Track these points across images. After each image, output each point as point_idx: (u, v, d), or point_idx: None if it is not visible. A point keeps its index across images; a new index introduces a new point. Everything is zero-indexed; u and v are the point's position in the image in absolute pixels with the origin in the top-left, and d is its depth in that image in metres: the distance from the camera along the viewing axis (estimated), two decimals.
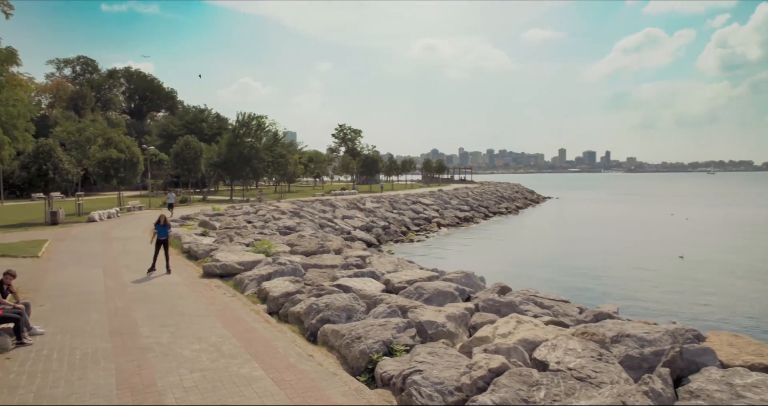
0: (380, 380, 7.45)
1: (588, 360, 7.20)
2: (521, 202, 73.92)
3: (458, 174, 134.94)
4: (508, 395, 6.13)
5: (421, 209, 49.75)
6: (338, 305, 10.10)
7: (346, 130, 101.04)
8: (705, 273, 24.52)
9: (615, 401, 5.87)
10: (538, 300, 11.27)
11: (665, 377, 6.68)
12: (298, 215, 36.41)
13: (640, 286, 21.87)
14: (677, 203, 78.78)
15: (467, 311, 10.07)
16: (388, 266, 15.09)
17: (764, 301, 19.41)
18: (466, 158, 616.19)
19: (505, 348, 7.49)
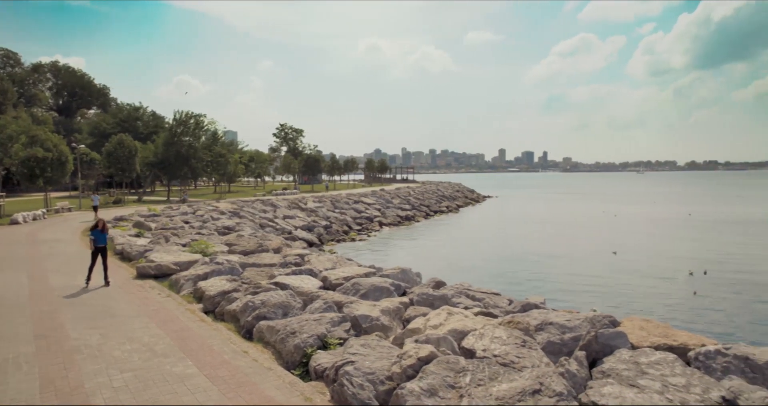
0: (314, 372, 7.59)
1: (512, 347, 7.60)
2: (462, 201, 75.53)
3: (400, 174, 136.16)
4: (435, 382, 6.41)
5: (363, 209, 49.99)
6: (274, 302, 10.14)
7: (287, 130, 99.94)
8: (634, 266, 25.93)
9: (534, 382, 6.26)
10: (470, 293, 11.70)
11: (581, 359, 7.15)
12: (238, 215, 35.86)
13: (572, 279, 22.93)
14: (608, 200, 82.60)
15: (402, 305, 10.35)
16: (326, 264, 15.19)
17: (681, 289, 20.77)
18: (408, 158, 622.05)
19: (435, 338, 7.79)
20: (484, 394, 6.20)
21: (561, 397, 5.96)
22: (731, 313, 17.55)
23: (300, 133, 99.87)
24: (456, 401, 6.20)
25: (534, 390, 6.10)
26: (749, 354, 7.02)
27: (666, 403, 5.97)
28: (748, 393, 6.22)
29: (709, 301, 19.03)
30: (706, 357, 7.19)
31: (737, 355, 7.04)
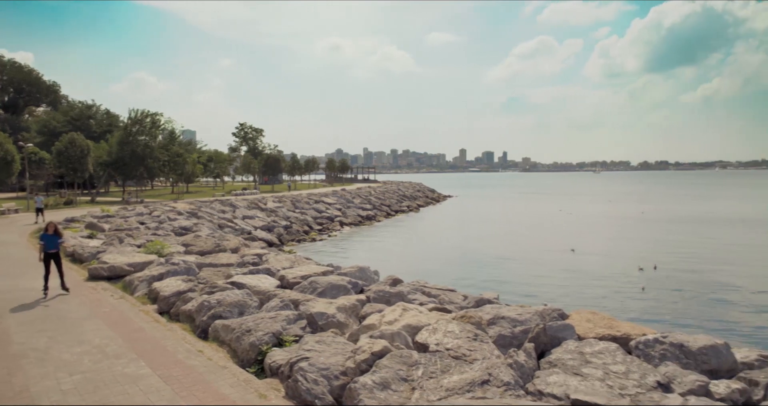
0: (269, 370, 7.62)
1: (464, 341, 7.81)
2: (422, 200, 76.17)
3: (362, 174, 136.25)
4: (388, 375, 6.54)
5: (323, 209, 49.86)
6: (230, 301, 10.10)
7: (247, 129, 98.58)
8: (589, 263, 26.73)
9: (483, 374, 6.47)
10: (426, 290, 11.91)
11: (529, 350, 7.42)
12: (196, 216, 35.26)
13: (529, 276, 23.50)
14: (565, 199, 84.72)
15: (358, 302, 10.46)
16: (284, 263, 15.16)
17: (632, 284, 21.55)
18: (370, 158, 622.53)
19: (389, 333, 7.93)
20: (436, 386, 6.37)
21: (508, 386, 6.18)
22: (676, 305, 18.34)
23: (260, 132, 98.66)
24: (408, 393, 6.34)
25: (483, 381, 6.31)
26: (684, 341, 7.42)
27: (606, 389, 6.27)
28: (681, 377, 6.59)
29: (655, 295, 19.82)
30: (646, 346, 7.56)
31: (673, 343, 7.43)
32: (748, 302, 18.63)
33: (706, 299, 19.18)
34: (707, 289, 20.77)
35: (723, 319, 16.67)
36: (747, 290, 20.43)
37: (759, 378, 6.76)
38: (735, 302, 18.68)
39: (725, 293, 20.13)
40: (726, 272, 24.16)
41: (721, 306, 18.24)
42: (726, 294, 19.90)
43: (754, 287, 20.93)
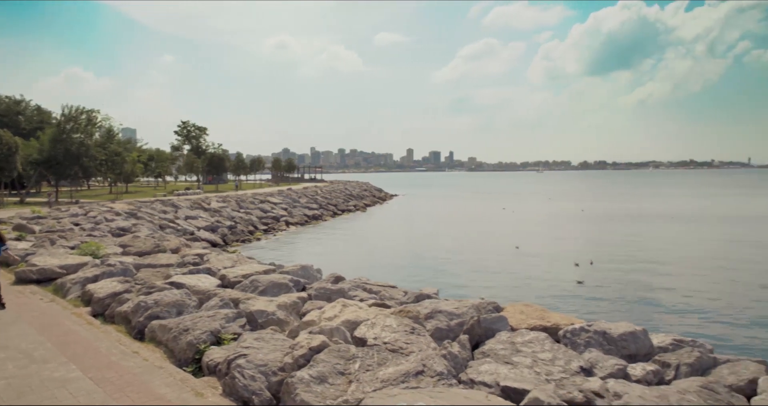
0: (207, 368, 7.57)
1: (402, 334, 8.00)
2: (369, 200, 76.45)
3: (309, 173, 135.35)
4: (325, 369, 6.64)
5: (269, 208, 49.29)
6: (168, 301, 9.92)
7: (190, 128, 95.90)
8: (530, 259, 27.57)
9: (417, 365, 6.66)
10: (367, 287, 12.06)
11: (463, 342, 7.69)
12: (135, 216, 34.15)
13: (472, 273, 24.08)
14: (509, 198, 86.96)
15: (299, 299, 10.49)
16: (226, 263, 14.97)
17: (569, 278, 22.43)
18: (317, 157, 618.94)
19: (328, 329, 8.03)
20: (372, 378, 6.52)
21: (441, 376, 6.40)
22: (609, 298, 19.25)
23: (203, 131, 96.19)
24: (345, 386, 6.47)
25: (417, 371, 6.50)
26: (606, 329, 7.88)
27: (533, 375, 6.60)
28: (603, 362, 7.00)
29: (591, 288, 20.71)
30: (572, 334, 7.98)
31: (597, 330, 7.87)
32: (675, 293, 19.77)
33: (637, 291, 20.21)
34: (639, 281, 21.88)
35: (651, 309, 17.63)
36: (675, 282, 21.68)
37: (671, 360, 7.27)
38: (663, 294, 19.79)
39: (655, 285, 21.28)
40: (656, 265, 25.52)
41: (650, 297, 19.28)
42: (656, 286, 21.04)
43: (682, 279, 22.23)
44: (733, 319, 16.18)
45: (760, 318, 16.22)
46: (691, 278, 22.49)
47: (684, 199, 78.22)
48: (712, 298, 18.90)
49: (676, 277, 22.78)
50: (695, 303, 18.22)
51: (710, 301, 18.48)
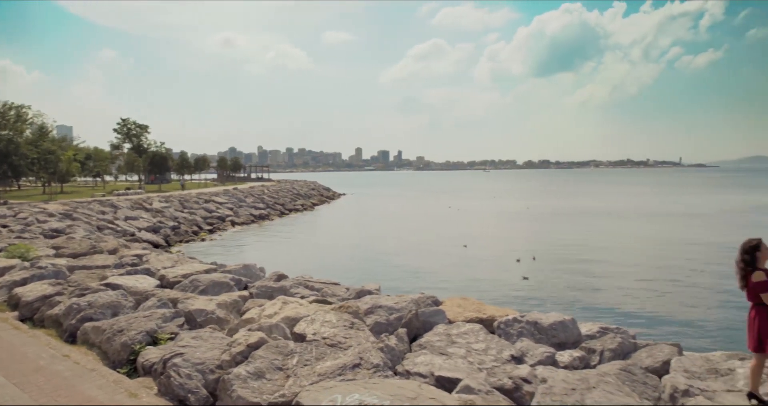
0: (142, 369, 7.44)
1: (341, 329, 8.09)
2: (317, 199, 76.09)
3: (256, 172, 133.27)
4: (263, 365, 6.66)
5: (214, 208, 48.30)
6: (103, 303, 9.65)
7: (130, 125, 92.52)
8: (477, 256, 28.10)
9: (355, 358, 6.78)
10: (309, 284, 12.09)
11: (401, 335, 7.86)
12: (71, 217, 32.75)
13: (416, 270, 24.39)
14: (456, 197, 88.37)
15: (240, 298, 10.42)
16: (166, 263, 14.64)
17: (513, 273, 23.08)
18: (265, 157, 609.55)
19: (267, 326, 8.03)
20: (309, 372, 6.59)
21: (378, 368, 6.54)
22: (548, 291, 19.94)
23: (145, 129, 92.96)
24: (283, 381, 6.51)
25: (354, 364, 6.62)
26: (538, 319, 8.23)
27: (467, 365, 6.83)
28: (533, 350, 7.32)
29: (533, 283, 21.37)
30: (506, 325, 8.29)
31: (529, 321, 8.21)
32: (609, 285, 20.71)
33: (576, 284, 21.02)
34: (578, 275, 22.75)
35: (587, 300, 18.38)
36: (610, 275, 22.69)
37: (596, 347, 7.68)
38: (598, 286, 20.68)
39: (592, 278, 22.20)
40: (594, 260, 26.61)
41: (587, 289, 20.09)
42: (592, 279, 21.96)
43: (616, 272, 23.28)
44: (658, 307, 17.11)
45: (681, 306, 17.23)
46: (625, 271, 23.58)
47: (621, 197, 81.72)
48: (641, 288, 19.90)
49: (611, 270, 23.83)
50: (626, 294, 19.14)
51: (640, 291, 19.46)
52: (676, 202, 68.66)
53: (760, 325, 5.57)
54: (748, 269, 5.70)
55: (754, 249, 5.69)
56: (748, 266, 5.70)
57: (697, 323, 15.28)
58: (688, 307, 17.16)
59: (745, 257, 5.71)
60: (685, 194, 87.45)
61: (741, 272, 5.76)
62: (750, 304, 5.79)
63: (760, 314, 5.62)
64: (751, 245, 5.73)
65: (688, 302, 17.76)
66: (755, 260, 5.68)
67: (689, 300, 18.08)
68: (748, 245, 5.75)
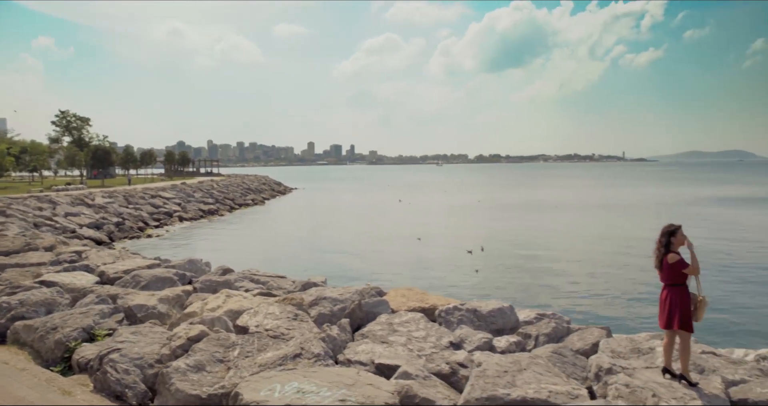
0: (77, 366, 7.25)
1: (284, 321, 8.12)
2: (268, 193, 75.21)
3: (205, 167, 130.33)
4: (203, 358, 6.62)
5: (161, 203, 47.04)
6: (36, 301, 9.32)
7: (70, 118, 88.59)
8: (429, 249, 28.44)
9: (296, 348, 6.83)
10: (255, 278, 12.01)
11: (344, 325, 7.95)
12: (4, 214, 31.22)
13: (365, 263, 24.53)
14: (408, 191, 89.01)
15: (183, 293, 10.26)
16: (106, 259, 14.22)
17: (463, 264, 23.52)
18: (215, 151, 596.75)
19: (209, 319, 7.97)
20: (250, 363, 6.60)
21: (319, 358, 6.61)
22: (497, 281, 20.46)
23: (86, 121, 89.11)
24: (223, 373, 6.49)
25: (295, 354, 6.67)
26: (477, 307, 8.48)
27: (406, 352, 6.99)
28: (471, 336, 7.56)
29: (483, 273, 21.86)
30: (446, 313, 8.51)
31: (469, 309, 8.46)
32: (553, 274, 21.44)
33: (523, 274, 21.65)
34: (525, 265, 23.41)
35: (532, 288, 18.97)
36: (554, 264, 23.46)
37: (532, 332, 8.00)
38: (543, 274, 21.38)
39: (538, 267, 22.91)
40: (541, 250, 27.44)
41: (533, 278, 20.72)
42: (539, 268, 22.66)
43: (561, 261, 24.09)
44: (595, 294, 17.86)
45: (615, 292, 18.05)
46: (568, 261, 24.43)
47: (568, 190, 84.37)
48: (581, 276, 20.70)
49: (555, 260, 24.64)
50: (568, 282, 19.87)
51: (580, 279, 20.24)
52: (619, 195, 71.46)
53: (671, 304, 5.94)
54: (663, 250, 6.06)
55: (670, 234, 6.06)
56: (664, 248, 6.07)
57: (628, 307, 16.06)
58: (621, 293, 17.97)
59: (663, 240, 6.07)
60: (628, 187, 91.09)
61: (657, 253, 6.13)
62: (662, 285, 6.16)
63: (671, 294, 5.99)
64: (669, 229, 6.09)
65: (621, 289, 18.60)
66: (670, 243, 6.05)
67: (623, 286, 18.93)
68: (666, 229, 6.11)
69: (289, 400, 5.13)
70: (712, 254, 24.72)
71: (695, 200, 58.93)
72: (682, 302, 5.90)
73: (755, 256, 24.59)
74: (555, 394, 5.49)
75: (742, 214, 43.72)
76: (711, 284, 18.52)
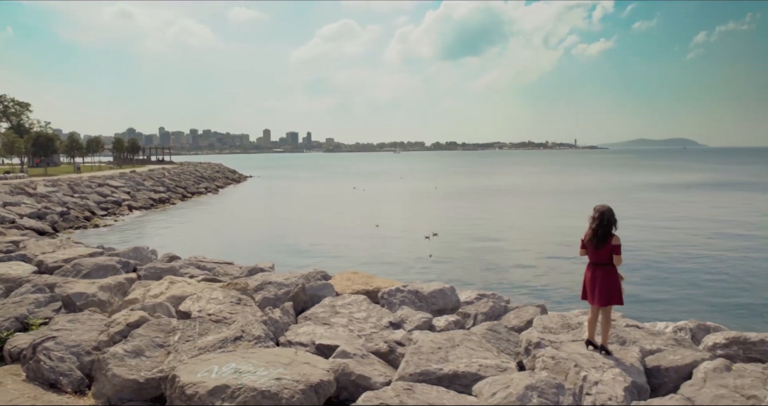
0: (9, 356, 7.09)
1: (228, 305, 8.14)
2: (222, 181, 73.95)
3: (156, 155, 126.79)
4: (142, 343, 6.59)
5: (108, 192, 45.64)
6: None
7: (7, 103, 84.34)
8: (385, 235, 28.60)
9: (237, 331, 6.87)
10: (202, 264, 11.93)
11: (286, 308, 8.03)
12: None
13: (318, 250, 24.56)
14: (365, 178, 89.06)
15: (126, 280, 10.11)
16: (46, 248, 13.81)
17: (419, 250, 23.83)
18: (167, 138, 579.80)
19: (150, 305, 7.91)
20: (191, 347, 6.62)
21: (259, 340, 6.68)
22: (451, 264, 20.89)
23: (25, 107, 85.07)
24: (163, 357, 6.49)
25: (236, 337, 6.72)
26: (419, 288, 8.71)
27: (347, 333, 7.14)
28: (412, 316, 7.78)
29: (437, 258, 22.22)
30: (389, 295, 8.70)
31: (411, 290, 8.68)
32: (505, 256, 22.13)
33: (476, 257, 22.17)
34: (478, 249, 23.94)
35: (483, 273, 19.45)
36: (507, 247, 24.14)
37: (471, 311, 8.29)
38: (495, 256, 22.06)
39: (491, 250, 23.55)
40: (495, 234, 28.10)
41: (485, 261, 21.29)
42: (491, 251, 23.30)
43: (513, 244, 24.78)
44: (538, 275, 18.53)
45: (556, 272, 18.79)
46: (517, 244, 25.13)
47: (522, 177, 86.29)
48: (529, 259, 21.37)
49: (507, 243, 25.35)
50: (515, 264, 20.53)
51: (527, 261, 20.92)
52: (571, 181, 73.57)
53: (609, 282, 6.18)
54: (608, 229, 6.20)
55: (612, 215, 6.25)
56: (609, 227, 6.21)
57: (567, 287, 16.73)
58: (563, 273, 18.70)
59: (612, 220, 6.22)
60: (579, 174, 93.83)
61: (601, 231, 6.23)
62: (590, 263, 6.43)
63: (608, 273, 6.21)
64: (611, 211, 6.27)
65: (563, 269, 19.33)
66: (613, 225, 6.24)
67: (565, 267, 19.68)
68: (610, 210, 6.28)
69: (226, 380, 5.20)
70: (651, 235, 25.90)
71: (640, 186, 61.33)
72: (613, 281, 6.18)
73: (690, 238, 25.86)
74: (485, 367, 5.75)
75: (680, 198, 45.81)
76: (645, 263, 19.49)
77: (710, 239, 25.35)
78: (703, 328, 7.46)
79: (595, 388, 5.34)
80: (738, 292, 16.16)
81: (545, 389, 5.05)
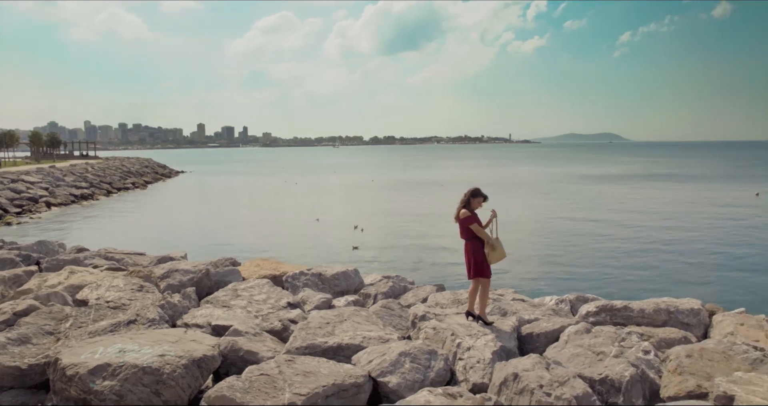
0: None
1: (128, 292, 8.10)
2: (151, 177, 71.51)
3: (80, 149, 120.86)
4: (29, 331, 6.50)
5: (23, 188, 43.23)
6: None
7: None
8: (315, 228, 28.65)
9: (132, 315, 6.91)
10: (110, 255, 11.71)
11: (188, 293, 8.10)
12: None
13: (242, 241, 24.37)
14: (301, 173, 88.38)
15: (24, 273, 9.80)
16: None
17: (343, 241, 24.07)
18: (94, 133, 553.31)
19: (44, 294, 7.77)
20: (82, 333, 6.59)
21: (153, 322, 6.75)
22: (375, 253, 21.32)
23: None
24: (52, 344, 6.43)
25: (130, 321, 6.76)
26: (322, 271, 8.99)
27: (244, 314, 7.31)
28: (312, 298, 8.03)
29: (363, 249, 22.55)
30: (293, 278, 8.92)
31: (314, 273, 8.93)
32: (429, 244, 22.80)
33: (400, 244, 22.77)
34: (403, 239, 24.49)
35: (403, 260, 20.00)
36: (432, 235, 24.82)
37: (371, 291, 8.63)
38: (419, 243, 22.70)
39: (417, 238, 24.18)
40: (421, 225, 28.75)
41: (408, 251, 21.80)
42: (417, 239, 23.92)
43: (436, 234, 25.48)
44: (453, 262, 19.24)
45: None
46: (441, 233, 25.87)
47: (458, 170, 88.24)
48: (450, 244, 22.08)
49: (430, 233, 26.04)
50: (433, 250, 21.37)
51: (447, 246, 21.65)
52: (503, 173, 75.98)
53: (468, 256, 6.71)
54: (460, 206, 6.79)
55: (472, 194, 6.79)
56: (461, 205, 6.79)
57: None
58: None
59: (464, 199, 6.77)
60: (513, 167, 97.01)
61: (457, 211, 6.85)
62: (464, 241, 6.91)
63: (468, 247, 6.75)
64: (470, 190, 6.82)
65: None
66: (469, 203, 6.80)
67: None
68: (469, 190, 6.83)
69: (108, 359, 5.25)
70: (569, 221, 27.33)
71: (567, 177, 64.21)
72: (477, 255, 6.68)
73: (609, 224, 27.46)
74: (368, 339, 6.08)
75: (603, 189, 48.37)
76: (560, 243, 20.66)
77: (625, 224, 27.06)
78: (582, 299, 8.11)
79: (467, 353, 5.77)
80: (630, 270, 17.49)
81: (418, 355, 5.42)
